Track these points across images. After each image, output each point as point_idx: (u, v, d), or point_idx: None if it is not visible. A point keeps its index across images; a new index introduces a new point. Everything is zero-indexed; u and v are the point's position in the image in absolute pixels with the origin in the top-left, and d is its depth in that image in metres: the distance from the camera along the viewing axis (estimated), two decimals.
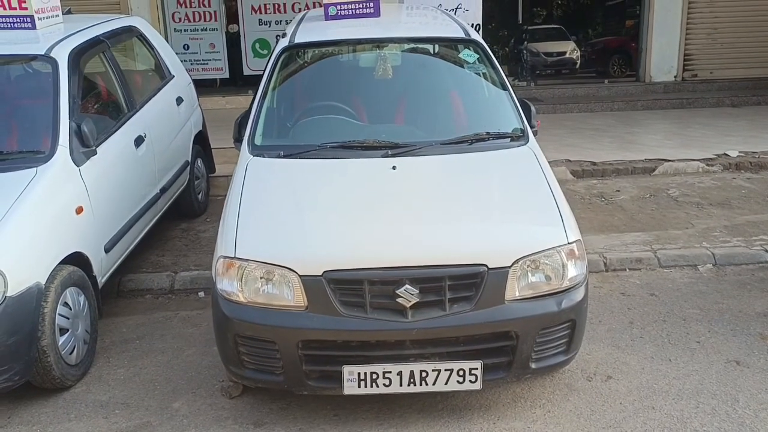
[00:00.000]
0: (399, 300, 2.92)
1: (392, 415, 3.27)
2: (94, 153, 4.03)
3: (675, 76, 10.91)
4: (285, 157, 3.64)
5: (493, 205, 3.37)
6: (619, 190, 6.43)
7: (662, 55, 10.81)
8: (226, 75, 11.39)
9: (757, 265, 4.89)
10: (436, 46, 4.45)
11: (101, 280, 4.05)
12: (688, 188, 6.45)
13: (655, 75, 10.88)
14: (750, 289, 4.55)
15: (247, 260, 3.01)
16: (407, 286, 2.91)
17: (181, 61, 6.20)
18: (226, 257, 3.06)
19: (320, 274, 2.93)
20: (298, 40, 4.27)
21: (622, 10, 18.25)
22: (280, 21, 10.93)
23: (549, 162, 3.69)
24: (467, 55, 4.20)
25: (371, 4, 4.68)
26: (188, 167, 5.63)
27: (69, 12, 5.34)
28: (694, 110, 9.89)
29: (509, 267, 2.98)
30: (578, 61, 16.62)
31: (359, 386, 2.98)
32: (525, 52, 15.93)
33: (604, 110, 10.04)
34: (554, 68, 16.26)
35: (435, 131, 3.89)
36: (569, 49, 16.62)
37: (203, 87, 9.96)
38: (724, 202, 6.03)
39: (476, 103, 4.19)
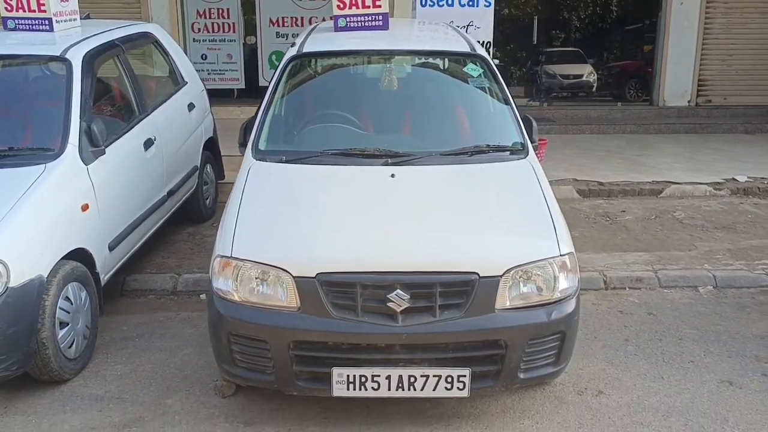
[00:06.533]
0: (390, 304, 2.95)
1: (381, 420, 3.30)
2: (103, 153, 4.12)
3: (689, 101, 10.88)
4: (287, 162, 3.72)
5: (487, 215, 3.41)
6: (624, 211, 6.43)
7: (677, 79, 10.80)
8: (242, 85, 11.55)
9: (758, 289, 4.88)
10: (441, 59, 4.51)
11: (104, 278, 4.13)
12: (694, 211, 6.45)
13: (669, 99, 10.87)
14: (749, 312, 4.54)
15: (243, 260, 3.07)
16: (398, 291, 2.95)
17: (198, 71, 6.31)
18: (222, 257, 3.12)
19: (313, 275, 2.98)
20: (306, 49, 4.35)
21: (640, 35, 18.27)
22: (297, 34, 11.03)
23: (556, 180, 3.73)
24: (471, 69, 4.26)
25: (380, 18, 4.76)
26: (197, 172, 5.72)
27: (87, 17, 5.47)
28: (707, 135, 9.86)
29: (500, 276, 3.02)
30: (595, 84, 16.64)
31: (348, 389, 3.01)
32: (540, 73, 15.98)
33: (616, 132, 10.03)
34: (571, 90, 16.29)
35: (436, 142, 3.94)
36: (586, 72, 16.65)
37: (220, 97, 10.11)
38: (729, 226, 6.02)
39: (478, 116, 4.24)
